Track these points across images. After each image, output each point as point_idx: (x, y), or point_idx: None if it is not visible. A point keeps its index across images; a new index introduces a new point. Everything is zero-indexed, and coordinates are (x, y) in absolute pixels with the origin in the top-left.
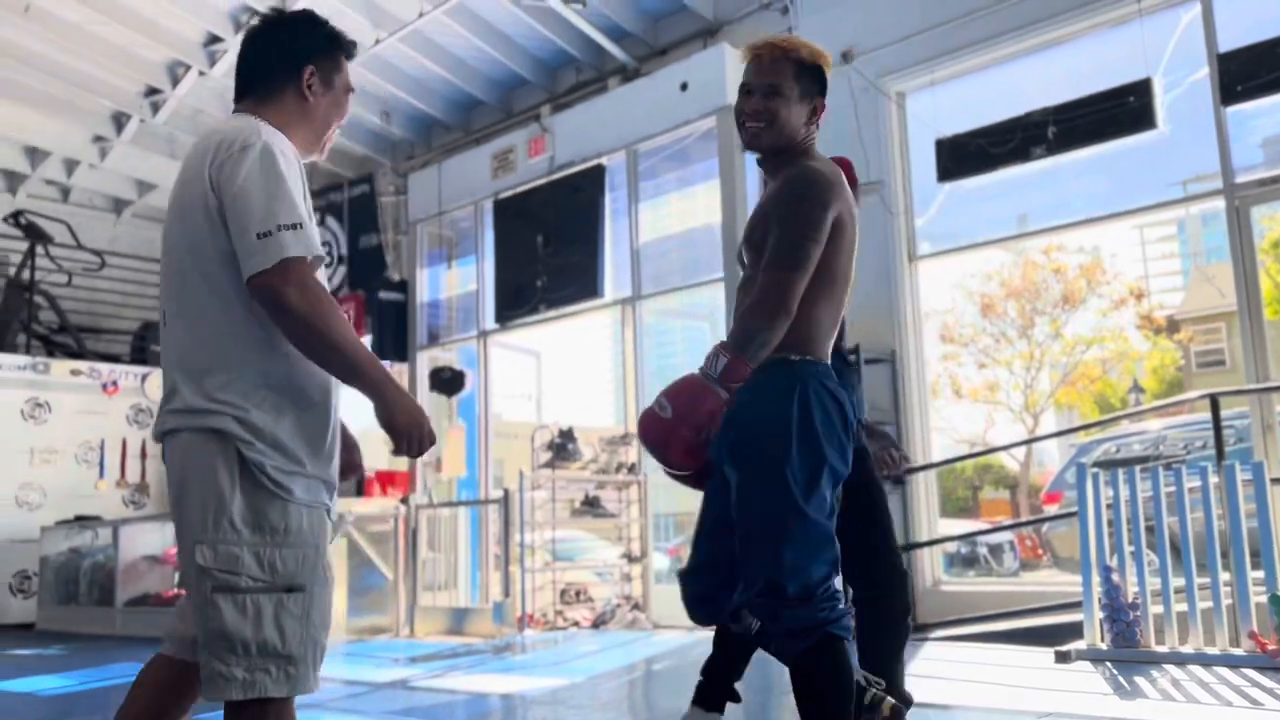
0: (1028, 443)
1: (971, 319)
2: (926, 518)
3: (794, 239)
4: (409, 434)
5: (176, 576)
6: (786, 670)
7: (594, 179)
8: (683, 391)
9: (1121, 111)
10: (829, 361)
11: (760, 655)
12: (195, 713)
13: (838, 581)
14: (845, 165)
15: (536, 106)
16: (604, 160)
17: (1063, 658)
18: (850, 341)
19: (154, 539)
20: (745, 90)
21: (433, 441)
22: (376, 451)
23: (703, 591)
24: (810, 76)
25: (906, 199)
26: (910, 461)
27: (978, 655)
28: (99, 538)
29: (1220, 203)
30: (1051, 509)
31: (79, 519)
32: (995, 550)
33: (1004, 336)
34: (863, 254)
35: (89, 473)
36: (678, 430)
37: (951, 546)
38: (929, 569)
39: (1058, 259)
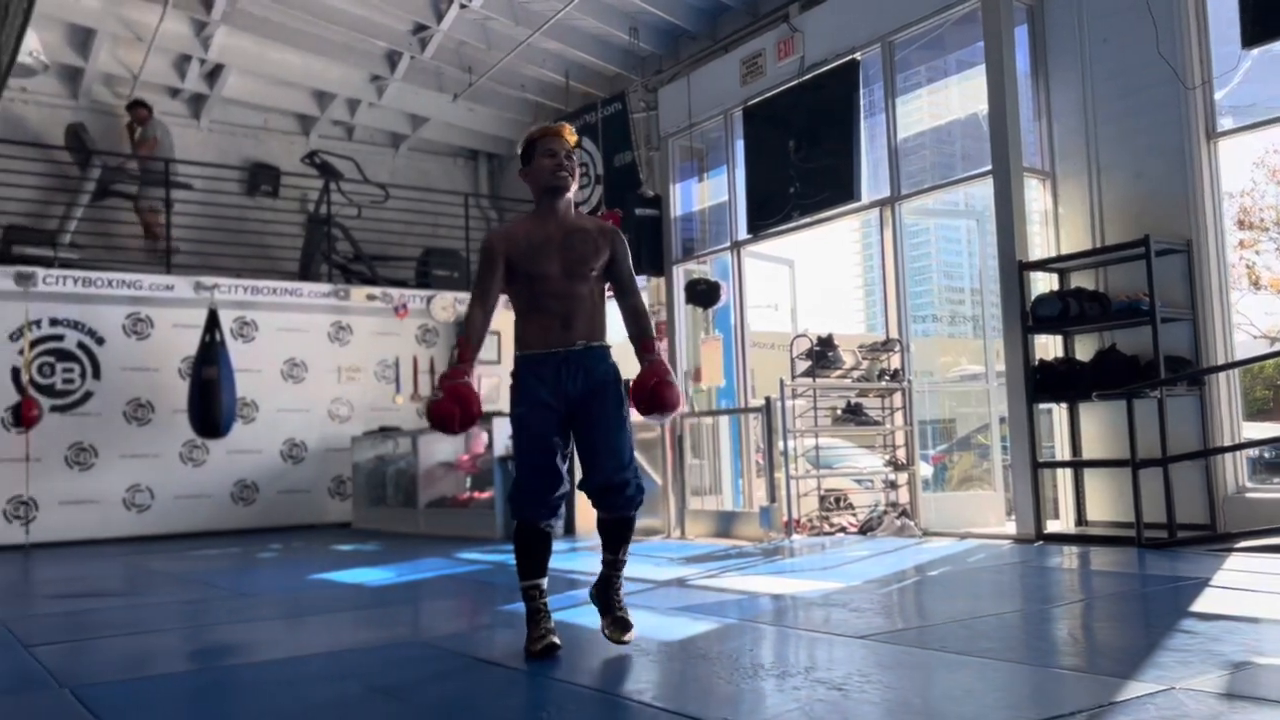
0: None
1: (1273, 200)
2: (1229, 421)
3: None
4: None
5: (468, 480)
6: None
7: (847, 76)
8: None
9: None
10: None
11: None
12: None
13: None
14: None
15: (785, 6)
16: (857, 55)
17: None
18: (1139, 231)
19: (447, 447)
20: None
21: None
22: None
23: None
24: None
25: (1204, 69)
26: None
27: None
28: (400, 446)
29: None
30: None
31: (382, 430)
32: None
33: None
34: (1152, 135)
35: (387, 388)
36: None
37: (1254, 451)
38: (1231, 475)
39: None
